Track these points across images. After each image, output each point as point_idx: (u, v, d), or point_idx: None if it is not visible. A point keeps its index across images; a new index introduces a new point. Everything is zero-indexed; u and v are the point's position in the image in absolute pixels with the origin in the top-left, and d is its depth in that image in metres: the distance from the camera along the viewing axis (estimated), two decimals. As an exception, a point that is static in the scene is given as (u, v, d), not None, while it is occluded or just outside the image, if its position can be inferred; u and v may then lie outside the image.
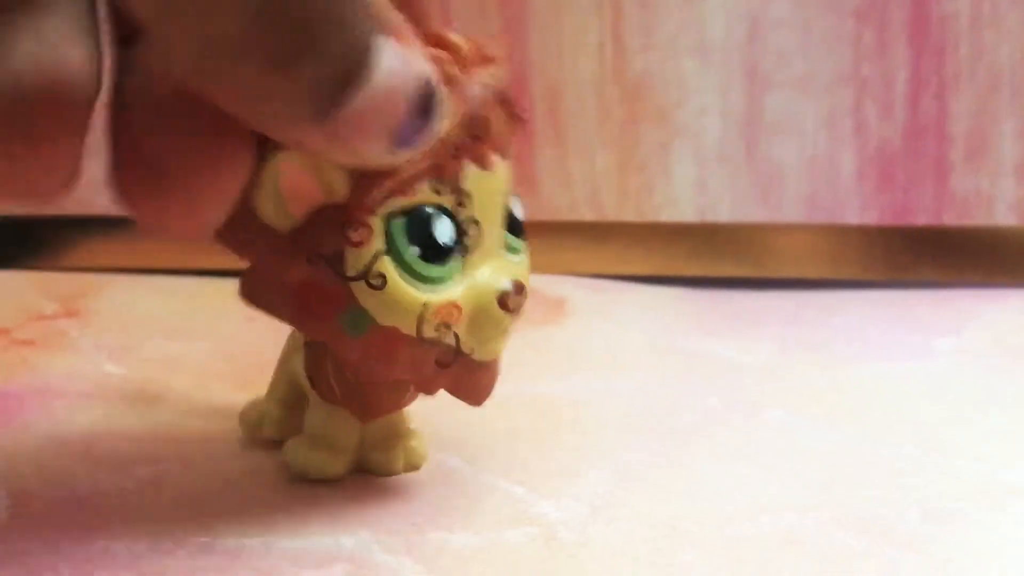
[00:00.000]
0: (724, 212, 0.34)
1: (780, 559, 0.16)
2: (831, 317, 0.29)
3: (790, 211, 0.34)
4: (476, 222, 0.17)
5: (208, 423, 0.21)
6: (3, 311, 0.28)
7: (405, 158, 0.15)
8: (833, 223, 0.34)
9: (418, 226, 0.16)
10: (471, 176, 0.17)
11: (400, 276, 0.16)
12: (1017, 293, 0.31)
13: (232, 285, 0.17)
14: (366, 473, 0.19)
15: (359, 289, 0.16)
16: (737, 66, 0.34)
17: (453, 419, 0.22)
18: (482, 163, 0.17)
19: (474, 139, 0.17)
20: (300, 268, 0.16)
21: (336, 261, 0.16)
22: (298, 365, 0.18)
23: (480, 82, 0.17)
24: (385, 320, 0.16)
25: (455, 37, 0.17)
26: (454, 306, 0.16)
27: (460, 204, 0.17)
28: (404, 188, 0.16)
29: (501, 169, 0.17)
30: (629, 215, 0.34)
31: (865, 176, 0.34)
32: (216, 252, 0.17)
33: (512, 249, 0.18)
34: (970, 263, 0.34)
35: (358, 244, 0.16)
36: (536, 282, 0.31)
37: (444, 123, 0.15)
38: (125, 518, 0.17)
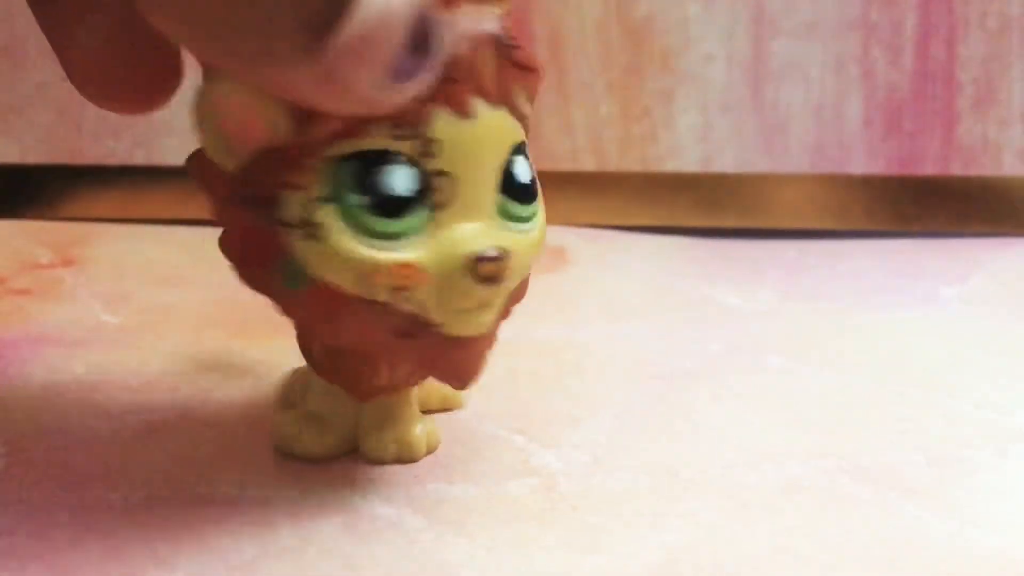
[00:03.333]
0: (728, 161, 0.34)
1: (783, 506, 0.16)
2: (835, 265, 0.29)
3: (795, 160, 0.34)
4: (446, 174, 0.15)
5: (205, 372, 0.21)
6: (-3, 261, 0.28)
7: (403, 97, 0.14)
8: (838, 173, 0.34)
9: (368, 172, 0.14)
10: (443, 123, 0.15)
11: (344, 228, 0.14)
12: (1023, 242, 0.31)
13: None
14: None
15: (296, 238, 0.14)
16: (743, 11, 0.33)
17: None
18: (457, 108, 0.15)
19: (449, 81, 0.14)
20: (238, 211, 0.15)
21: (273, 205, 0.14)
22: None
23: (468, 19, 0.15)
24: (323, 274, 0.14)
25: None
26: (409, 267, 0.14)
27: (425, 153, 0.15)
28: (354, 128, 0.14)
29: (491, 119, 0.15)
30: (632, 163, 0.34)
31: (872, 124, 0.33)
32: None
33: (515, 217, 0.16)
34: (977, 213, 0.33)
35: (296, 187, 0.14)
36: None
37: (444, 57, 0.14)
38: (121, 468, 0.17)
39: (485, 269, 0.15)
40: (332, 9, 0.13)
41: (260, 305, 0.20)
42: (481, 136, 0.15)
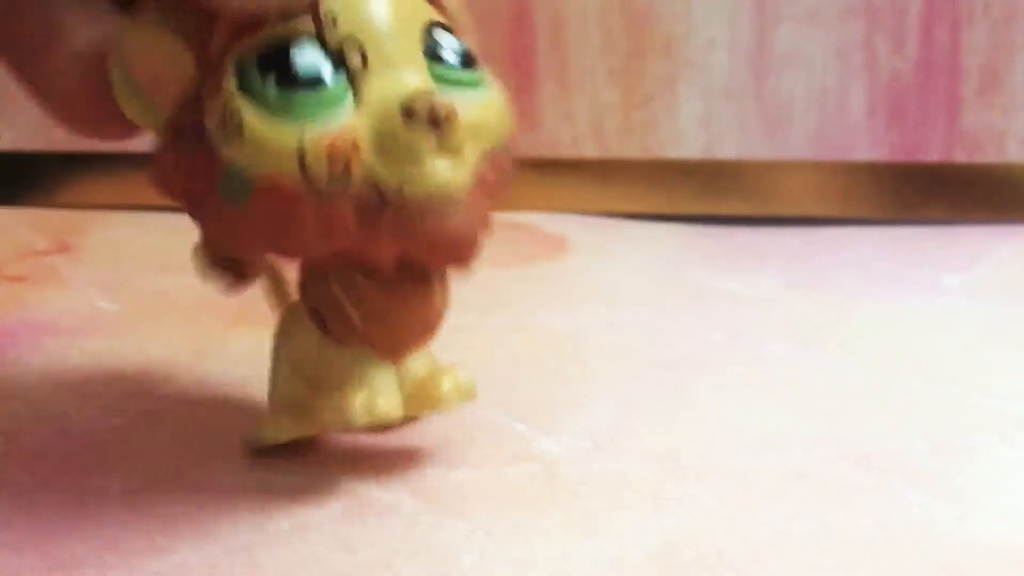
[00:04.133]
0: (730, 148, 0.33)
1: (785, 493, 0.16)
2: (838, 253, 0.29)
3: (797, 147, 0.33)
4: (355, 41, 0.14)
5: (201, 359, 0.21)
6: (-5, 248, 0.28)
7: None
8: (842, 160, 0.33)
9: (270, 54, 0.14)
10: None
11: (261, 113, 0.14)
12: (1028, 230, 0.31)
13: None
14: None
15: (223, 141, 0.14)
16: (745, -3, 0.33)
17: (452, 351, 0.21)
18: None
19: None
20: (171, 154, 0.15)
21: (200, 131, 0.14)
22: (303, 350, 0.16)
23: None
24: (259, 167, 0.14)
25: None
26: (343, 136, 0.14)
27: (324, 26, 0.14)
28: (246, 28, 0.14)
29: None
30: (633, 151, 0.33)
31: (875, 112, 0.33)
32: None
33: (455, 82, 0.15)
34: (981, 200, 0.33)
35: (211, 96, 0.14)
36: (536, 220, 0.31)
37: None
38: (119, 455, 0.17)
39: (421, 107, 0.14)
40: None
41: (257, 292, 0.20)
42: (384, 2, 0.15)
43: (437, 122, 0.14)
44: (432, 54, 0.15)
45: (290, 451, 0.17)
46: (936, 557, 0.15)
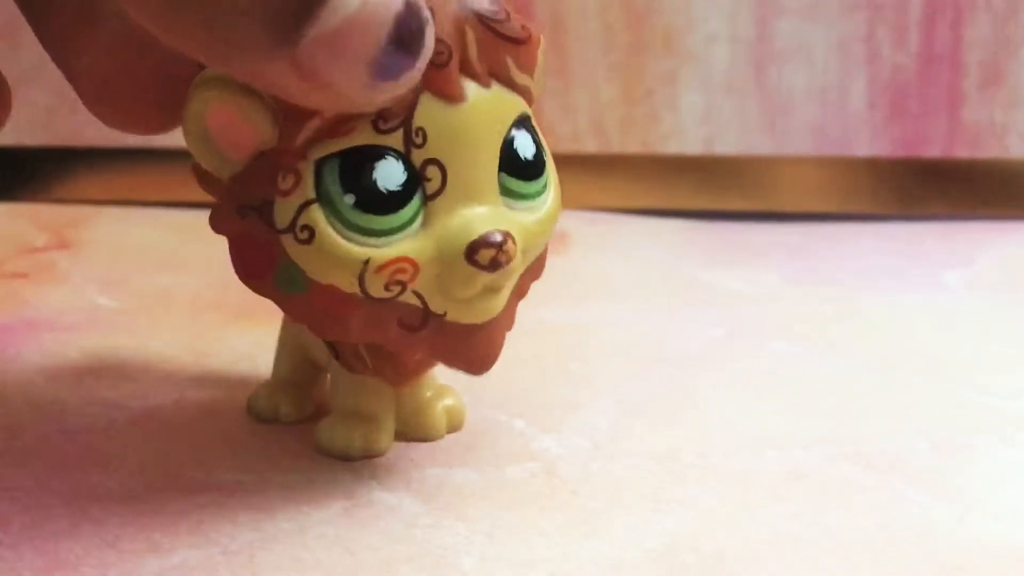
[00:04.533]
0: (731, 142, 0.33)
1: (785, 492, 0.16)
2: (838, 249, 0.29)
3: (798, 142, 0.33)
4: (436, 163, 0.14)
5: (201, 356, 0.21)
6: (-7, 244, 0.28)
7: (388, 95, 0.13)
8: (842, 155, 0.33)
9: (353, 170, 0.14)
10: (429, 110, 0.14)
11: (333, 228, 0.14)
12: (1029, 226, 0.31)
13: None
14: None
15: (288, 243, 0.14)
16: (746, -10, 0.33)
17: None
18: (444, 94, 0.14)
19: (432, 66, 0.14)
20: (233, 220, 0.15)
21: (266, 212, 0.14)
22: (309, 337, 0.17)
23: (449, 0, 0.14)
24: (319, 277, 0.14)
25: None
26: (405, 261, 0.14)
27: (412, 144, 0.14)
28: (338, 126, 0.14)
29: (483, 99, 0.15)
30: (634, 145, 0.33)
31: (876, 106, 0.33)
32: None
33: (520, 195, 0.15)
34: (982, 197, 0.33)
35: (285, 193, 0.14)
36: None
37: (430, 53, 0.13)
38: (118, 453, 0.17)
39: (484, 256, 0.14)
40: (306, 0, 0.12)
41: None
42: (472, 119, 0.15)
43: (497, 266, 0.14)
44: (508, 166, 0.15)
45: (290, 451, 0.17)
46: (936, 557, 0.15)
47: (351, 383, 0.17)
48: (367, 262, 0.14)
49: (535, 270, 0.16)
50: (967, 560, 0.15)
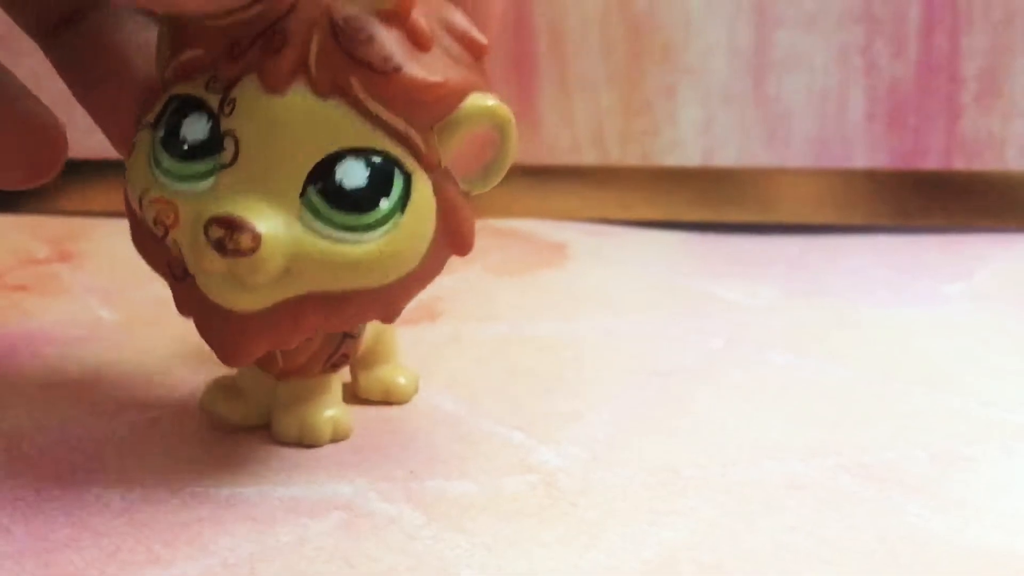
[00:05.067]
0: (730, 154, 0.33)
1: (784, 504, 0.16)
2: (838, 261, 0.29)
3: (797, 153, 0.33)
4: (234, 137, 0.15)
5: (201, 369, 0.21)
6: (-5, 256, 0.28)
7: None
8: (841, 167, 0.33)
9: (174, 112, 0.15)
10: (247, 88, 0.14)
11: (144, 151, 0.15)
12: (1027, 237, 0.31)
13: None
14: (356, 420, 0.18)
15: (128, 155, 0.16)
16: (744, 3, 0.33)
17: (449, 359, 0.21)
18: (266, 81, 0.14)
19: (265, 49, 0.14)
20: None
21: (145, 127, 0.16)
22: None
23: None
24: (127, 183, 0.16)
25: None
26: (168, 204, 0.15)
27: (223, 110, 0.15)
28: (181, 68, 0.15)
29: (310, 105, 0.14)
30: (633, 156, 0.33)
31: (875, 118, 0.33)
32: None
33: (333, 223, 0.14)
34: (981, 208, 0.33)
35: (146, 115, 0.16)
36: (536, 227, 0.31)
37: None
38: (119, 465, 0.17)
39: (214, 232, 0.14)
40: None
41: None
42: (284, 116, 0.14)
43: (222, 250, 0.14)
44: (324, 188, 0.14)
45: (289, 464, 0.17)
46: (935, 568, 0.15)
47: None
48: (146, 191, 0.15)
49: (340, 308, 0.15)
50: (966, 571, 0.15)
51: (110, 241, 0.29)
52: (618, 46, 0.33)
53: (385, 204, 0.15)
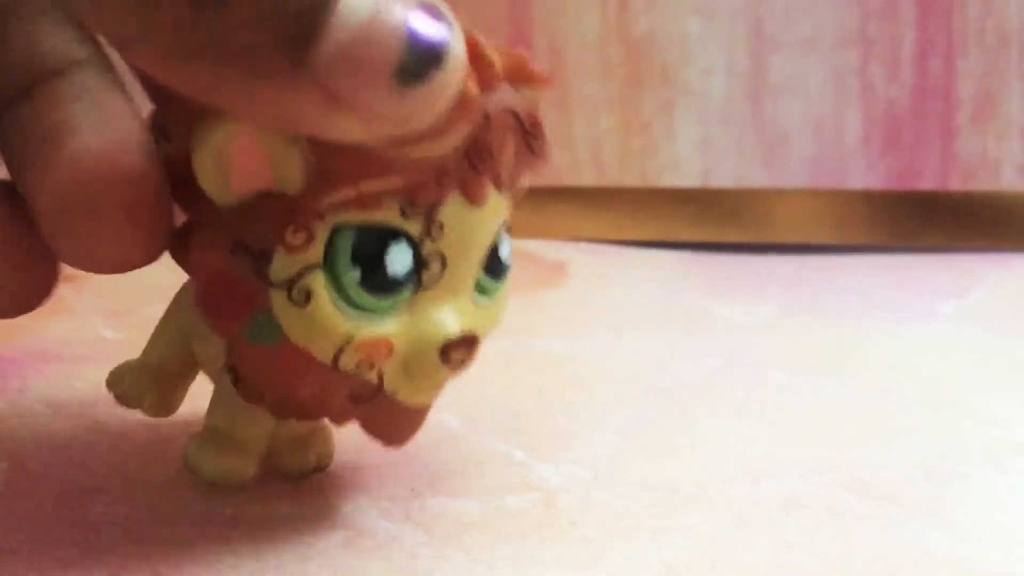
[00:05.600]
0: (727, 175, 0.34)
1: (783, 522, 0.16)
2: (834, 280, 0.29)
3: (794, 174, 0.34)
4: (442, 258, 0.14)
5: (205, 388, 0.21)
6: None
7: (420, 106, 0.12)
8: (837, 188, 0.34)
9: (367, 246, 0.14)
10: (452, 208, 0.14)
11: (331, 299, 0.14)
12: (1023, 258, 0.31)
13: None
14: (358, 439, 0.18)
15: (277, 298, 0.14)
16: (742, 26, 0.33)
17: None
18: (473, 198, 0.14)
19: (471, 168, 0.14)
20: (220, 254, 0.14)
21: (262, 260, 0.14)
22: (204, 340, 0.16)
23: (500, 101, 0.14)
24: (297, 340, 0.14)
25: (489, 48, 0.14)
26: (384, 344, 0.14)
27: (428, 235, 0.14)
28: (366, 199, 0.13)
29: (494, 203, 0.15)
30: (632, 177, 0.34)
31: (871, 139, 0.33)
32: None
33: (484, 290, 0.15)
34: (976, 228, 0.33)
35: (292, 249, 0.14)
36: (536, 247, 0.31)
37: (460, 51, 0.12)
38: (122, 485, 0.17)
39: (456, 355, 0.14)
40: (311, 15, 0.12)
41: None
42: (484, 221, 0.15)
43: (464, 365, 0.15)
44: (487, 265, 0.15)
45: (292, 482, 0.17)
46: (932, 586, 0.15)
47: (234, 406, 0.16)
48: (349, 338, 0.14)
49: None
50: (962, 588, 0.15)
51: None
52: (617, 67, 0.33)
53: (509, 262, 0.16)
